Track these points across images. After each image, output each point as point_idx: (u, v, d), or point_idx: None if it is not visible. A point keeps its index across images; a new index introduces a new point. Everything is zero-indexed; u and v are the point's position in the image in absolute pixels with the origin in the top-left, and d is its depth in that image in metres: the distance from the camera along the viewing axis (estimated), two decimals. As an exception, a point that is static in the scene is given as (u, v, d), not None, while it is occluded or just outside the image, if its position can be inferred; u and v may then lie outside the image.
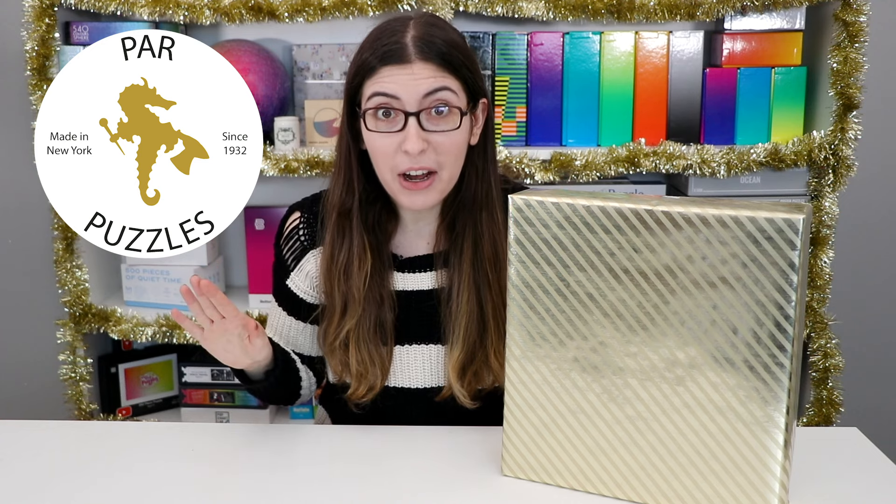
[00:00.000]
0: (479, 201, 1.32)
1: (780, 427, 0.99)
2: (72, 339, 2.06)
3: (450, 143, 1.25)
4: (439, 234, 1.36)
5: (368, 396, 1.34)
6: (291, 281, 1.39)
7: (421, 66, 1.22)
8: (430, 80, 1.23)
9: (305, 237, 1.39)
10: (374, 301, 1.32)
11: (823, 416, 2.01)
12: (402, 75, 1.22)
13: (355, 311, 1.32)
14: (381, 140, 1.25)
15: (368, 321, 1.32)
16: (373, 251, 1.32)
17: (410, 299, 1.35)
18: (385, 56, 1.23)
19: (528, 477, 1.13)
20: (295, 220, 1.40)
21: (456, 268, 1.32)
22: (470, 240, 1.32)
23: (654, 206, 1.00)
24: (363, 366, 1.32)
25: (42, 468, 1.19)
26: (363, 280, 1.31)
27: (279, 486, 1.13)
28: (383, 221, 1.35)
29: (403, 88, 1.22)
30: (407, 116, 1.22)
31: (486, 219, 1.32)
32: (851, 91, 1.87)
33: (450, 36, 1.27)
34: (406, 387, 1.36)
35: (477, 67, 1.31)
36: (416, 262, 1.36)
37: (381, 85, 1.23)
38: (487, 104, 1.33)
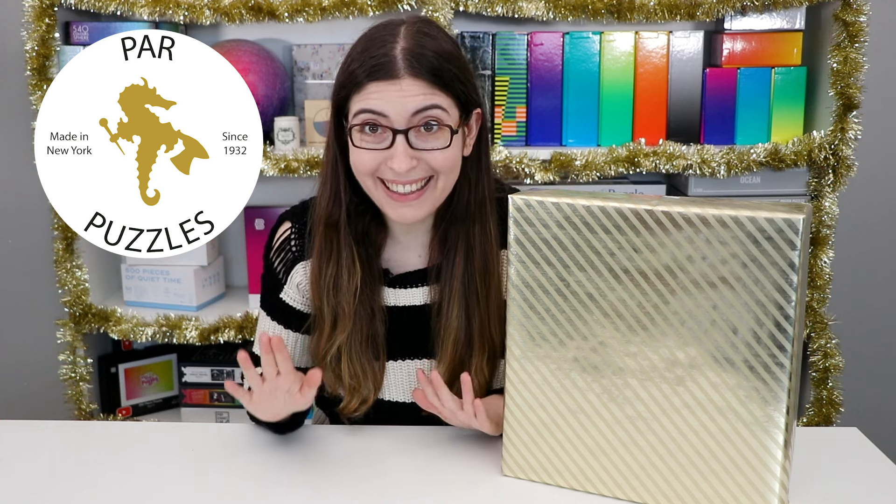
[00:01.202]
0: (472, 214, 1.28)
1: (780, 427, 0.99)
2: (72, 339, 2.06)
3: (442, 159, 1.20)
4: (433, 248, 1.32)
5: (361, 410, 1.30)
6: (285, 294, 1.34)
7: (410, 83, 1.17)
8: (420, 97, 1.17)
9: (296, 248, 1.34)
10: (364, 315, 1.28)
11: (823, 416, 2.01)
12: (391, 91, 1.17)
13: (346, 325, 1.28)
14: (366, 155, 1.20)
15: (360, 335, 1.28)
16: (362, 264, 1.28)
17: (402, 315, 1.32)
18: (372, 70, 1.17)
19: (528, 477, 1.13)
20: (286, 231, 1.35)
21: (447, 282, 1.29)
22: (462, 253, 1.28)
23: (654, 206, 1.00)
24: (356, 380, 1.29)
25: (42, 468, 1.18)
26: (353, 294, 1.27)
27: (279, 486, 1.13)
28: (372, 233, 1.31)
29: (391, 106, 1.17)
30: (395, 134, 1.18)
31: (478, 232, 1.28)
32: (851, 91, 1.87)
33: (441, 46, 1.21)
34: (398, 401, 1.34)
35: (470, 77, 1.25)
36: (407, 278, 1.32)
37: (367, 102, 1.18)
38: (481, 114, 1.28)
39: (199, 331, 2.00)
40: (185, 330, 2.00)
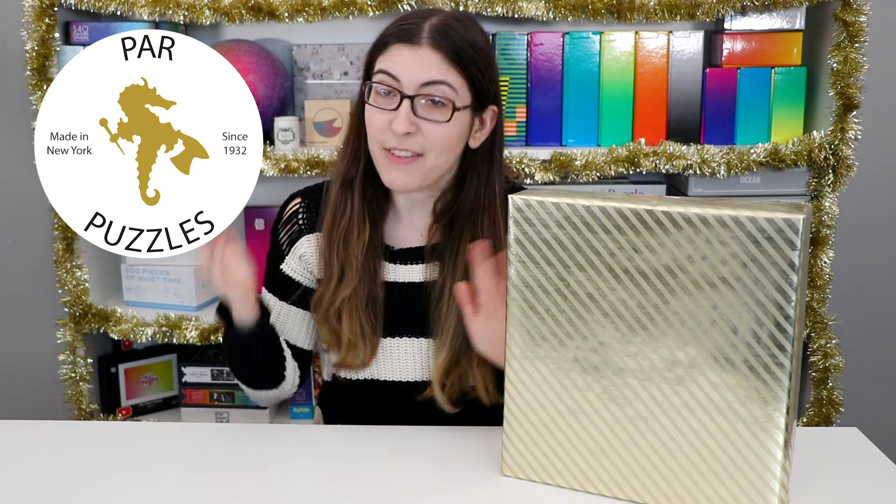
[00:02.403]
0: (482, 205, 1.32)
1: (780, 427, 0.99)
2: (72, 339, 2.06)
3: (439, 133, 1.26)
4: (434, 231, 1.36)
5: (357, 365, 1.36)
6: (286, 265, 1.41)
7: (428, 52, 1.24)
8: (433, 69, 1.24)
9: (304, 221, 1.41)
10: (368, 272, 1.34)
11: (823, 416, 2.01)
12: (408, 56, 1.24)
13: (352, 279, 1.33)
14: (375, 114, 1.27)
15: (363, 293, 1.34)
16: (371, 222, 1.34)
17: (401, 291, 1.36)
18: (399, 34, 1.26)
19: (528, 477, 1.13)
20: (295, 205, 1.43)
21: (450, 267, 1.32)
22: (468, 240, 1.31)
23: (654, 206, 1.00)
24: (355, 336, 1.34)
25: (42, 468, 1.18)
26: (361, 248, 1.33)
27: (279, 487, 1.13)
28: (380, 198, 1.37)
29: (405, 70, 1.24)
30: (402, 98, 1.24)
31: (487, 223, 1.32)
32: (851, 91, 1.87)
33: (471, 35, 1.28)
34: (393, 380, 1.37)
35: (492, 72, 1.31)
36: (407, 254, 1.37)
37: (386, 63, 1.26)
38: (497, 113, 1.33)
39: (199, 331, 2.00)
40: (185, 330, 2.00)
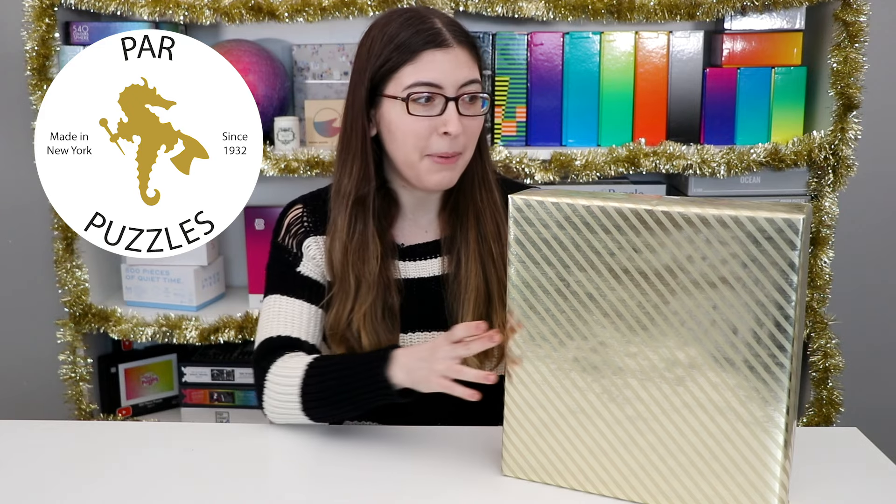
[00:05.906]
0: (478, 181, 1.36)
1: (780, 427, 0.99)
2: (72, 339, 2.06)
3: (476, 127, 1.30)
4: (440, 221, 1.39)
5: None
6: (303, 266, 1.37)
7: (459, 51, 1.27)
8: (466, 68, 1.27)
9: (309, 223, 1.38)
10: (383, 285, 1.34)
11: (823, 416, 2.01)
12: (445, 62, 1.25)
13: (368, 295, 1.32)
14: (416, 124, 1.26)
15: (380, 305, 1.33)
16: (381, 237, 1.35)
17: (413, 287, 1.37)
18: (429, 39, 1.25)
19: (528, 477, 1.13)
20: (297, 210, 1.40)
21: (462, 246, 1.35)
22: (472, 217, 1.35)
23: (654, 206, 1.00)
24: (373, 347, 1.32)
25: (42, 468, 1.18)
26: (377, 260, 1.33)
27: (279, 486, 1.13)
28: (387, 208, 1.37)
29: (445, 76, 1.25)
30: (447, 101, 1.26)
31: (485, 196, 1.36)
32: (851, 91, 1.87)
33: None
34: None
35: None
36: (417, 250, 1.39)
37: (423, 73, 1.25)
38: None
39: (199, 331, 2.00)
40: (185, 330, 2.00)
